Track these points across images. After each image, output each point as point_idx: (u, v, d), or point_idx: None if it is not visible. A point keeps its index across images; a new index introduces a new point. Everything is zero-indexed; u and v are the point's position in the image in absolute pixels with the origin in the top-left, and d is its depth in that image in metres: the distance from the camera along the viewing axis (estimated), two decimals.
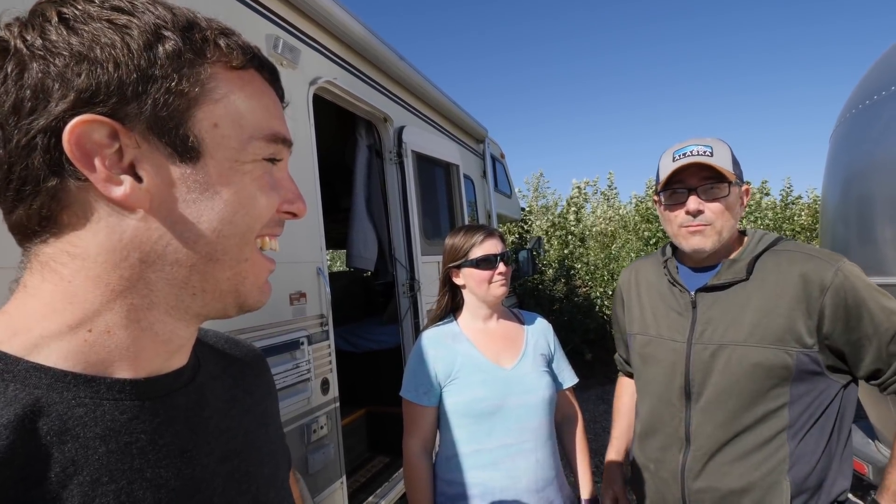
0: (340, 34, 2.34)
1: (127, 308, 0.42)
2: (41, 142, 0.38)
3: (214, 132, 0.43)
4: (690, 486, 1.15)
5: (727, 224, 1.13)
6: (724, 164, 1.12)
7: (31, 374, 0.38)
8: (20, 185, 0.39)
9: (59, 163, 0.38)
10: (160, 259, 0.42)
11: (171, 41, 0.40)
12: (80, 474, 0.37)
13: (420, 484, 1.33)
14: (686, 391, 1.17)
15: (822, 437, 1.07)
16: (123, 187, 0.40)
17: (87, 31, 0.38)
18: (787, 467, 1.06)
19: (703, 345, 1.15)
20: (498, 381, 1.33)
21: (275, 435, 0.60)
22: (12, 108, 0.38)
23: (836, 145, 2.33)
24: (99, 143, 0.39)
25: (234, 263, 0.45)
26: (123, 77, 0.38)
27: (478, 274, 1.39)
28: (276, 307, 1.82)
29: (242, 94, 0.44)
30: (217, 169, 0.43)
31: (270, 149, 0.46)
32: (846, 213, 2.17)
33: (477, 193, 4.42)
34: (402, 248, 2.87)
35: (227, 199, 0.43)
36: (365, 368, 3.28)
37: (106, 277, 0.41)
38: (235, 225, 0.44)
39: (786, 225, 7.72)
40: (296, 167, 2.00)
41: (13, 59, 0.38)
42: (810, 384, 1.07)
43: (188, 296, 0.44)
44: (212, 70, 0.43)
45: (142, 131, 0.40)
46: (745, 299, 1.12)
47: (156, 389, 0.44)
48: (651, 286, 1.32)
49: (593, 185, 10.36)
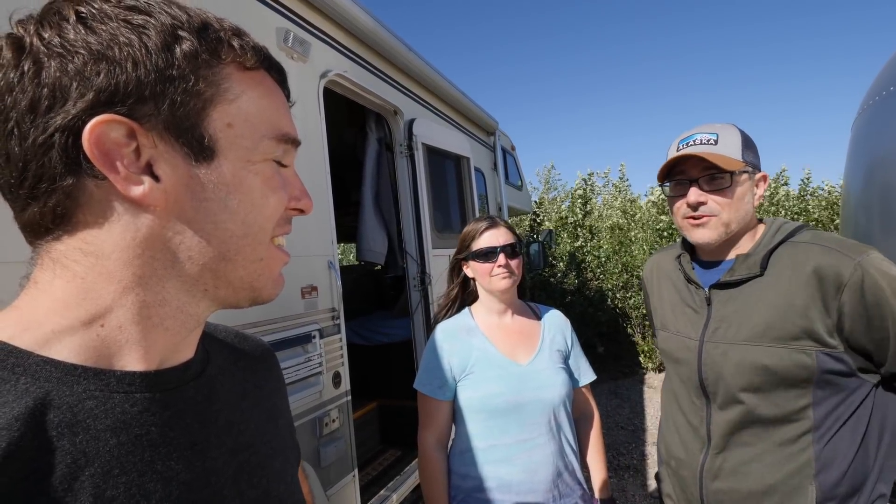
0: (350, 27, 2.32)
1: (139, 305, 0.42)
2: (59, 140, 0.38)
3: (228, 132, 0.43)
4: (709, 486, 1.12)
5: (735, 215, 1.08)
6: (730, 151, 1.07)
7: (41, 368, 0.38)
8: (35, 183, 0.39)
9: (76, 161, 0.38)
10: (173, 257, 0.42)
11: (188, 41, 0.41)
12: (91, 466, 0.37)
13: (435, 477, 1.33)
14: (703, 390, 1.14)
15: (854, 440, 1.00)
16: (143, 187, 0.40)
17: (104, 31, 0.38)
18: (814, 471, 1.00)
19: (715, 343, 1.11)
20: (513, 377, 1.31)
21: (284, 429, 0.61)
22: (29, 106, 0.38)
23: (858, 134, 2.27)
24: (117, 142, 0.39)
25: (247, 263, 0.46)
26: (142, 77, 0.39)
27: (480, 266, 1.37)
28: (287, 301, 1.83)
29: (255, 95, 0.45)
30: (231, 169, 0.43)
31: (280, 148, 0.47)
32: (868, 202, 2.11)
33: (488, 186, 4.39)
34: (412, 241, 2.86)
35: (240, 198, 0.44)
36: (376, 362, 3.29)
37: (119, 274, 0.41)
38: (248, 225, 0.45)
39: (802, 217, 7.57)
40: (306, 161, 2.00)
41: (29, 56, 0.38)
42: (837, 385, 1.00)
43: (199, 292, 0.45)
44: (226, 71, 0.43)
45: (159, 131, 0.40)
46: (760, 296, 1.05)
47: (166, 382, 0.45)
48: (669, 281, 1.29)
49: (604, 177, 10.25)
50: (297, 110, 1.98)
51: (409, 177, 2.85)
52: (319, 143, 2.09)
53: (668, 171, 1.14)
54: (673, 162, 1.12)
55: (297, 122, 1.99)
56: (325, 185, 2.10)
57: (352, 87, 2.39)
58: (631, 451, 4.01)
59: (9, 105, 0.38)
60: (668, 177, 1.15)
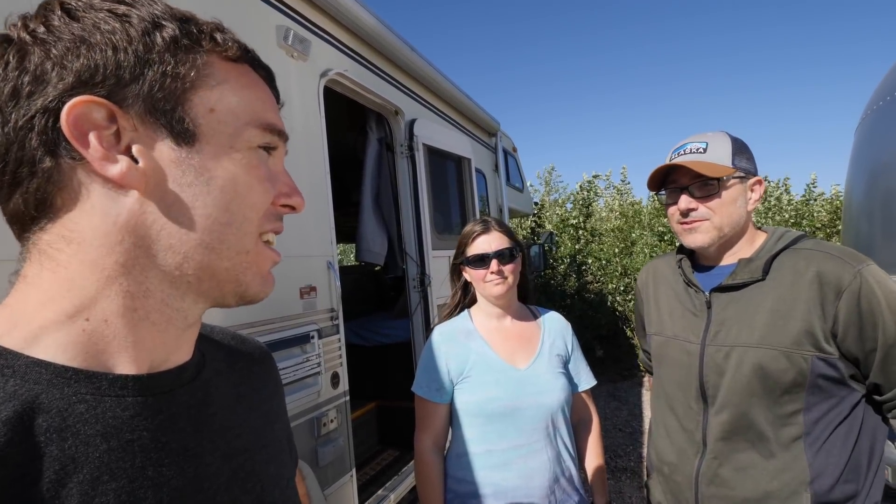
0: (351, 25, 2.31)
1: (122, 295, 0.42)
2: (38, 122, 0.38)
3: (210, 117, 0.43)
4: (704, 491, 1.12)
5: (727, 220, 1.11)
6: (719, 158, 1.11)
7: (31, 370, 0.37)
8: (16, 168, 0.39)
9: (54, 142, 0.39)
10: (154, 244, 0.42)
11: (169, 28, 0.42)
12: (80, 472, 0.37)
13: (431, 481, 1.32)
14: (703, 394, 1.14)
15: (846, 448, 1.02)
16: (119, 165, 0.40)
17: (88, 19, 0.40)
18: (808, 479, 1.01)
19: (717, 346, 1.11)
20: (511, 382, 1.30)
21: (281, 433, 0.60)
22: (11, 92, 0.38)
23: (861, 139, 2.26)
24: (96, 123, 0.39)
25: (232, 255, 0.45)
26: (121, 60, 0.39)
27: (473, 272, 1.36)
28: (286, 301, 1.82)
29: (237, 84, 0.46)
30: (212, 153, 0.43)
31: (266, 138, 0.47)
32: (871, 207, 2.10)
33: (489, 187, 4.39)
34: (412, 242, 2.86)
35: (221, 185, 0.44)
36: (375, 362, 3.29)
37: (101, 262, 0.41)
38: (231, 213, 0.44)
39: (805, 222, 7.55)
40: (306, 160, 1.99)
41: (14, 46, 0.39)
42: (828, 392, 1.02)
43: (183, 284, 0.44)
44: (208, 58, 0.44)
45: (139, 113, 0.41)
46: (761, 300, 1.08)
47: (159, 386, 0.44)
48: (668, 286, 1.30)
49: (606, 180, 10.22)
50: (297, 109, 1.98)
51: (410, 177, 2.84)
52: (319, 143, 2.08)
53: (662, 179, 1.19)
54: (665, 171, 1.17)
55: (297, 121, 1.97)
56: (324, 185, 2.09)
57: (352, 86, 2.38)
58: (628, 454, 4.01)
59: None
60: (663, 185, 1.20)
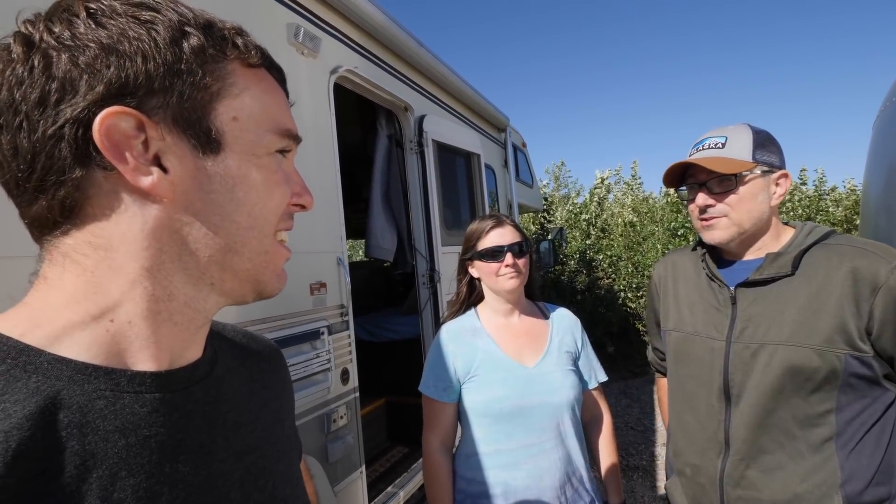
0: (361, 22, 2.31)
1: (147, 298, 0.42)
2: (69, 132, 0.38)
3: (234, 125, 0.44)
4: (730, 493, 1.09)
5: (747, 215, 1.08)
6: (738, 153, 1.08)
7: (53, 366, 0.38)
8: (44, 176, 0.39)
9: (86, 153, 0.39)
10: (180, 249, 0.43)
11: (195, 37, 0.42)
12: (99, 468, 0.37)
13: (439, 481, 1.31)
14: (726, 392, 1.10)
15: (878, 449, 0.98)
16: (152, 177, 0.41)
17: (114, 25, 0.39)
18: (840, 482, 0.98)
19: (744, 344, 1.08)
20: (519, 380, 1.28)
21: (290, 429, 0.61)
22: (38, 99, 0.38)
23: (880, 132, 2.21)
24: (127, 134, 0.39)
25: (253, 255, 0.46)
26: (151, 70, 0.40)
27: (486, 266, 1.34)
28: (296, 297, 1.83)
29: (258, 91, 0.46)
30: (236, 161, 0.44)
31: (283, 142, 0.48)
32: (890, 202, 2.05)
33: (498, 183, 4.37)
34: (422, 238, 2.86)
35: (245, 191, 0.45)
36: (385, 358, 3.30)
37: (127, 268, 0.41)
38: (254, 217, 0.46)
39: (819, 217, 7.42)
40: (317, 156, 2.00)
41: (39, 51, 0.39)
42: (861, 391, 0.98)
43: (206, 286, 0.45)
44: (231, 66, 0.45)
45: (167, 124, 0.41)
46: (790, 296, 1.04)
47: (175, 383, 0.45)
48: (688, 280, 1.26)
49: (616, 174, 10.13)
50: (307, 106, 1.98)
51: (419, 173, 2.84)
52: (329, 140, 2.08)
53: (680, 175, 1.18)
54: (684, 167, 1.15)
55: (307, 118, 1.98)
56: (334, 182, 2.09)
57: (362, 83, 2.38)
58: (640, 452, 3.98)
59: (17, 99, 0.38)
60: (682, 181, 1.19)
